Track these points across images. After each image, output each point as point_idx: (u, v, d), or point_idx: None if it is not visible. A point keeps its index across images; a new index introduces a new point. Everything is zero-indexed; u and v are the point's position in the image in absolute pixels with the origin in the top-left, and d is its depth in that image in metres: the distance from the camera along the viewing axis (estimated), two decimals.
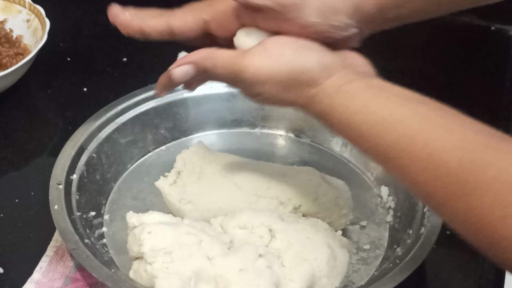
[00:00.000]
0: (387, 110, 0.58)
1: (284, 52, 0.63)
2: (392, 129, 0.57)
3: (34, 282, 0.75)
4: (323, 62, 0.63)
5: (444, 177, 0.53)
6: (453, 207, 0.53)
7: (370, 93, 0.60)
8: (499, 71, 1.05)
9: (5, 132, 0.94)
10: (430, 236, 0.73)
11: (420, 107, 0.58)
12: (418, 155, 0.55)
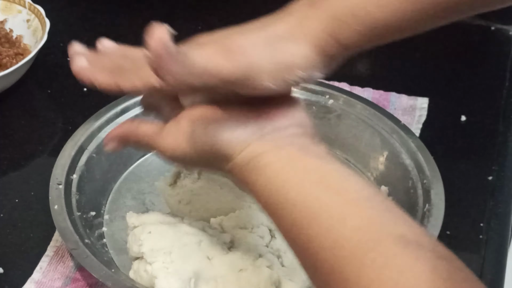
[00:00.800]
0: (286, 188, 0.56)
1: (195, 131, 0.61)
2: (292, 209, 0.54)
3: (34, 282, 0.75)
4: (235, 136, 0.60)
5: (337, 265, 0.49)
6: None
7: (277, 166, 0.57)
8: (499, 71, 1.05)
9: (5, 132, 0.94)
10: None
11: (323, 187, 0.55)
12: (317, 239, 0.52)
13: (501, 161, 0.90)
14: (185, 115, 0.62)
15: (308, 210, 0.53)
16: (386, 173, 0.85)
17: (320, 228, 0.51)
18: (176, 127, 0.62)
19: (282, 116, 0.61)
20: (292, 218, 0.54)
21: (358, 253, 0.48)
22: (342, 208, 0.52)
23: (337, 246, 0.49)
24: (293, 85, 0.62)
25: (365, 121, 0.88)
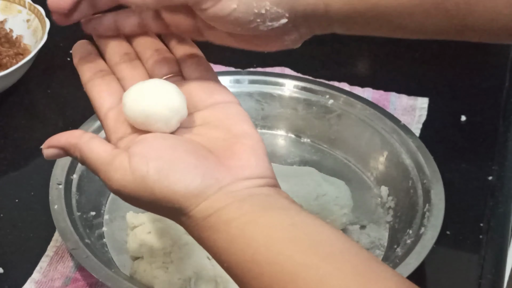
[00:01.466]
0: (253, 247, 0.50)
1: (148, 173, 0.53)
2: (262, 271, 0.49)
3: (34, 282, 0.75)
4: (192, 186, 0.53)
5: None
6: None
7: (240, 222, 0.51)
8: (499, 71, 1.05)
9: (5, 132, 0.94)
10: (430, 236, 0.73)
11: (295, 244, 0.50)
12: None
13: (501, 161, 0.90)
14: (139, 148, 0.55)
15: (280, 272, 0.48)
16: (386, 173, 0.85)
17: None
18: (129, 162, 0.54)
19: (242, 166, 0.54)
20: (262, 281, 0.49)
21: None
22: (318, 266, 0.47)
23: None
24: (265, 22, 0.57)
25: (365, 121, 0.88)
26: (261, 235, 0.50)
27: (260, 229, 0.50)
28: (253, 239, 0.50)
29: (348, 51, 1.08)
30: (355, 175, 0.87)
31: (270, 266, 0.49)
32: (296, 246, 0.49)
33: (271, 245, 0.49)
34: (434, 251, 0.72)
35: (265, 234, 0.50)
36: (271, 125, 0.93)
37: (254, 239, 0.50)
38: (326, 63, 1.05)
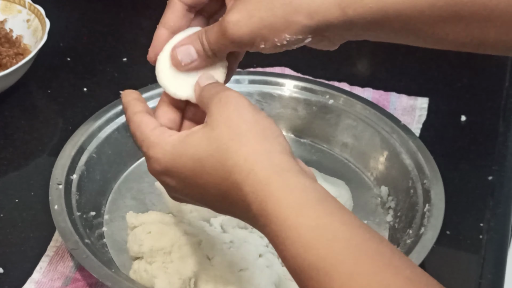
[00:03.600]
0: (318, 223, 0.50)
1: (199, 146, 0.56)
2: (317, 246, 0.49)
3: (34, 282, 0.75)
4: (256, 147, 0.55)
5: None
6: None
7: (309, 195, 0.52)
8: (499, 71, 1.05)
9: (5, 132, 0.94)
10: (430, 236, 0.73)
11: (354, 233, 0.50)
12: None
13: (501, 161, 0.90)
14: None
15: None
16: (386, 173, 0.85)
17: None
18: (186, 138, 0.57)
19: (305, 166, 0.57)
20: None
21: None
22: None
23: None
24: (284, 49, 0.61)
25: (365, 121, 0.88)
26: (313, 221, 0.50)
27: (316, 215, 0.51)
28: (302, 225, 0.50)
29: (348, 51, 1.08)
30: (355, 175, 0.87)
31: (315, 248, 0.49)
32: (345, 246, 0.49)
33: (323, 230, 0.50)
34: (434, 251, 0.72)
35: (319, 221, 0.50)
36: None
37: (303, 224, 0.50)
38: (326, 63, 1.05)
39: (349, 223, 0.50)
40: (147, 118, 0.61)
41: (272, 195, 0.51)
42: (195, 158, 0.56)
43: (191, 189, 0.58)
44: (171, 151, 0.57)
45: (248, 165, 0.53)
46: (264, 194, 0.52)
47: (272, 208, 0.51)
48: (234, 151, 0.54)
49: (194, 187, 0.57)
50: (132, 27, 1.14)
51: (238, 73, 0.94)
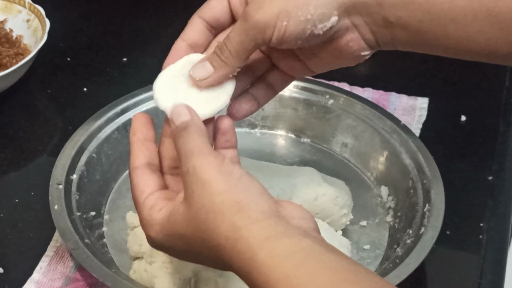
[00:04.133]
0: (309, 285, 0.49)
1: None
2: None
3: (34, 282, 0.75)
4: (254, 203, 0.53)
5: None
6: None
7: (296, 258, 0.50)
8: (499, 71, 1.05)
9: (5, 132, 0.94)
10: (430, 236, 0.73)
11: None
12: None
13: (501, 161, 0.90)
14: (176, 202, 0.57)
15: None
16: (386, 173, 0.85)
17: None
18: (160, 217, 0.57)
19: (296, 210, 0.56)
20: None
21: None
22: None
23: None
24: (309, 32, 0.60)
25: (365, 121, 0.88)
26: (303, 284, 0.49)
27: (306, 276, 0.49)
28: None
29: None
30: (355, 175, 0.87)
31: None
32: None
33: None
34: (434, 251, 0.72)
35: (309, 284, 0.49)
36: (271, 125, 0.93)
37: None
38: None
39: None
40: (143, 180, 0.60)
41: (259, 270, 0.50)
42: (183, 238, 0.56)
43: (187, 258, 0.59)
44: (161, 230, 0.57)
45: (230, 242, 0.52)
46: (252, 267, 0.51)
47: (261, 280, 0.50)
48: (213, 230, 0.53)
49: (188, 257, 0.58)
50: (132, 27, 1.14)
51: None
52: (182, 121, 0.58)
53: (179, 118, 0.59)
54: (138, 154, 0.61)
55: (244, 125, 0.93)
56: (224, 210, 0.53)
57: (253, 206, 0.53)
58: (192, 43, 0.64)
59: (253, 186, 0.54)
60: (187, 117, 0.59)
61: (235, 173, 0.54)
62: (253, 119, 0.92)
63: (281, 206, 0.55)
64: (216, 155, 0.56)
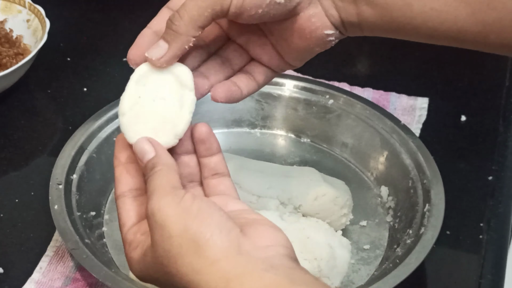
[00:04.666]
0: None
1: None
2: None
3: (34, 282, 0.75)
4: (215, 237, 0.51)
5: None
6: None
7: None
8: (499, 71, 1.05)
9: (5, 132, 0.94)
10: (430, 236, 0.73)
11: None
12: None
13: (501, 161, 0.90)
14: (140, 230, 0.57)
15: None
16: (386, 173, 0.85)
17: None
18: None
19: (262, 235, 0.53)
20: None
21: None
22: None
23: None
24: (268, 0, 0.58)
25: (365, 121, 0.88)
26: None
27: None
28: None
29: (348, 51, 1.08)
30: (355, 175, 0.87)
31: None
32: None
33: None
34: (434, 251, 0.72)
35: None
36: (271, 125, 0.93)
37: None
38: (326, 63, 1.05)
39: None
40: (125, 211, 0.59)
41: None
42: (157, 280, 0.55)
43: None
44: (139, 270, 0.57)
45: (193, 287, 0.51)
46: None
47: None
48: (176, 275, 0.52)
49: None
50: (131, 27, 1.14)
51: None
52: (148, 160, 0.57)
53: (145, 156, 0.58)
54: (120, 181, 0.60)
55: (244, 125, 0.93)
56: (182, 253, 0.51)
57: (212, 244, 0.51)
58: (157, 30, 0.62)
59: (212, 220, 0.52)
60: (152, 154, 0.58)
61: (192, 209, 0.52)
62: (253, 119, 0.93)
63: (244, 236, 0.52)
64: (175, 193, 0.54)
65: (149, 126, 0.60)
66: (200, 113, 0.91)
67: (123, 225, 0.59)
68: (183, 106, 0.60)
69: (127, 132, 0.60)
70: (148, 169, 0.57)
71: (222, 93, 0.62)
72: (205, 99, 0.91)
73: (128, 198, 0.60)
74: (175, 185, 0.55)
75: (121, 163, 0.61)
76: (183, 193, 0.54)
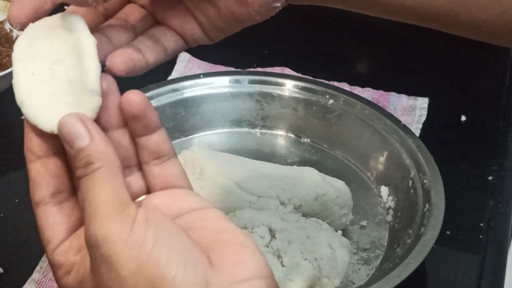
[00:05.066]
0: None
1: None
2: None
3: (34, 282, 0.75)
4: (178, 279, 0.40)
5: None
6: None
7: None
8: (499, 71, 1.05)
9: (5, 132, 0.94)
10: (430, 236, 0.73)
11: None
12: None
13: (501, 161, 0.90)
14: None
15: None
16: (386, 173, 0.85)
17: None
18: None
19: (235, 265, 0.42)
20: None
21: None
22: None
23: None
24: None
25: (365, 121, 0.88)
26: None
27: None
28: None
29: (348, 51, 1.08)
30: (355, 175, 0.87)
31: None
32: None
33: None
34: (434, 251, 0.72)
35: None
36: (271, 125, 0.93)
37: None
38: (326, 63, 1.05)
39: None
40: (49, 225, 0.49)
41: None
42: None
43: None
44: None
45: None
46: None
47: None
48: None
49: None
50: None
51: (238, 73, 0.94)
52: (80, 148, 0.44)
53: (75, 142, 0.44)
54: (38, 183, 0.47)
55: (244, 125, 0.93)
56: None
57: (174, 284, 0.40)
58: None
59: (173, 252, 0.41)
60: (86, 139, 0.44)
61: (147, 240, 0.41)
62: (253, 119, 0.93)
63: (214, 270, 0.41)
64: (124, 215, 0.42)
65: (60, 103, 0.47)
66: (199, 113, 0.91)
67: (48, 243, 0.47)
68: (84, 56, 0.46)
69: (37, 119, 0.48)
70: (81, 163, 0.44)
71: (121, 65, 0.49)
72: (205, 98, 0.92)
73: (51, 206, 0.47)
74: (122, 200, 0.43)
75: (37, 157, 0.47)
76: (134, 213, 0.42)
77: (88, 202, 0.43)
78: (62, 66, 0.47)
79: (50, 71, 0.47)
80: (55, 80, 0.47)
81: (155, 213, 0.43)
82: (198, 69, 0.96)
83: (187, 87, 0.91)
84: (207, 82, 0.91)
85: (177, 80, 0.91)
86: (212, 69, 1.00)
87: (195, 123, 0.91)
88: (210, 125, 0.92)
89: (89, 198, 0.43)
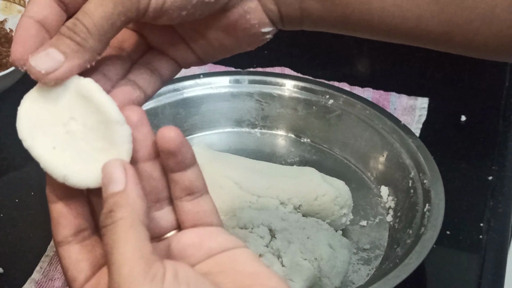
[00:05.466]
0: None
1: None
2: None
3: (34, 282, 0.75)
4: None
5: None
6: None
7: None
8: (499, 71, 1.05)
9: (5, 132, 0.94)
10: (430, 236, 0.73)
11: None
12: None
13: (501, 161, 0.90)
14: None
15: None
16: (386, 173, 0.85)
17: None
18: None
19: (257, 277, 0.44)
20: None
21: None
22: None
23: None
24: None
25: (365, 121, 0.88)
26: None
27: None
28: None
29: (348, 51, 1.08)
30: (355, 175, 0.87)
31: None
32: None
33: None
34: (434, 251, 0.72)
35: None
36: (271, 125, 0.93)
37: None
38: (326, 63, 1.05)
39: None
40: (73, 264, 0.46)
41: None
42: None
43: None
44: None
45: None
46: None
47: None
48: None
49: None
50: None
51: (238, 73, 0.94)
52: (111, 194, 0.43)
53: (109, 187, 0.43)
54: (60, 223, 0.46)
55: (244, 125, 0.93)
56: None
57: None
58: (40, 19, 0.47)
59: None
60: (120, 186, 0.43)
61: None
62: (253, 119, 0.93)
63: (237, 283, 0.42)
64: (152, 276, 0.40)
65: (90, 154, 0.46)
66: (199, 113, 0.91)
67: (73, 280, 0.45)
68: (90, 98, 0.46)
69: (73, 180, 0.45)
70: (106, 208, 0.43)
71: (121, 105, 0.47)
72: (205, 98, 0.92)
73: (74, 245, 0.46)
74: (147, 257, 0.41)
75: (59, 198, 0.46)
76: (162, 271, 0.41)
77: (112, 257, 0.41)
78: (74, 122, 0.46)
79: (67, 134, 0.47)
80: (76, 138, 0.46)
81: (184, 269, 0.42)
82: (198, 69, 0.96)
83: (187, 87, 0.91)
84: (207, 82, 0.91)
85: (177, 80, 0.91)
86: (212, 69, 1.00)
87: (195, 123, 0.91)
88: (210, 125, 0.92)
89: (112, 252, 0.41)
